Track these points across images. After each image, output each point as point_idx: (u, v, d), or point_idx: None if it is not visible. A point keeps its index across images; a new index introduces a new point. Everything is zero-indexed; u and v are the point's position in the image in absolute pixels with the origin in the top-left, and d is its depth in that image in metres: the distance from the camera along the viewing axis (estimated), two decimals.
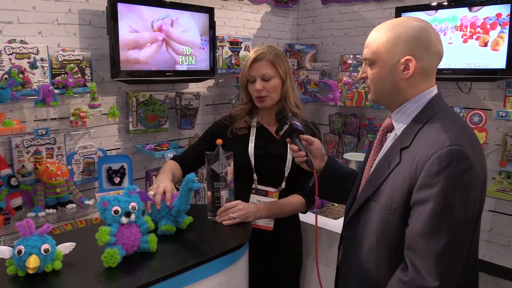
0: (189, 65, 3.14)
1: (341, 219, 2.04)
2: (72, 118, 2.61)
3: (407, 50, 1.12)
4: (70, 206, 2.53)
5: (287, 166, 1.71)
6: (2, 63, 2.34)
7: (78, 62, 2.66)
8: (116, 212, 1.22)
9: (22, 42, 2.46)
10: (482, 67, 3.01)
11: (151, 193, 1.47)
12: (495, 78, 3.04)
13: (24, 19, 2.50)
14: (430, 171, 1.03)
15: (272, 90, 1.69)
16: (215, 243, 1.40)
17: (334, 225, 1.97)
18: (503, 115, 2.88)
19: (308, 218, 1.95)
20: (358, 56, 3.71)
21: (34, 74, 2.45)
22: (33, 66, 2.44)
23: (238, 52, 3.51)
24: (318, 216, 2.02)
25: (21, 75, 2.36)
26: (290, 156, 1.71)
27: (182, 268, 1.19)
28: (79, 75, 2.66)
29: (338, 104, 3.55)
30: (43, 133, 2.33)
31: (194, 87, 3.43)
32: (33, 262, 1.11)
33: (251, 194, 1.72)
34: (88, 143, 2.83)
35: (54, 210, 2.49)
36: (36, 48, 2.45)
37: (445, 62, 3.15)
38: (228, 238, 1.44)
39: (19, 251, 1.12)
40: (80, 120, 2.60)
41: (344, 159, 2.90)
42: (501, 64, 2.92)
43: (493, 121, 3.11)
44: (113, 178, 2.76)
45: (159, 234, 1.40)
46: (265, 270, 1.74)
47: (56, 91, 2.46)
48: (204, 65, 3.24)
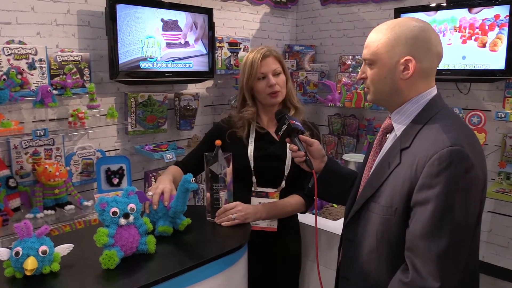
0: (188, 66, 3.14)
1: (340, 220, 2.04)
2: (70, 119, 2.60)
3: (407, 50, 1.12)
4: (68, 207, 2.52)
5: (287, 165, 1.71)
6: (0, 64, 2.33)
7: (77, 63, 2.65)
8: (114, 213, 1.21)
9: (20, 42, 2.45)
10: (481, 68, 3.01)
11: (150, 193, 1.47)
12: (494, 79, 3.04)
13: (22, 20, 2.49)
14: (431, 172, 1.02)
15: (282, 85, 1.73)
16: (214, 245, 1.40)
17: (334, 226, 1.96)
18: (502, 116, 2.88)
19: (307, 219, 1.95)
20: (357, 57, 3.71)
21: (32, 75, 2.44)
22: (31, 67, 2.44)
23: (237, 53, 3.51)
24: (318, 217, 2.02)
25: (19, 76, 2.35)
26: (289, 155, 1.71)
27: (180, 269, 1.19)
28: (78, 76, 2.65)
29: (337, 105, 3.55)
30: (42, 134, 2.33)
31: (193, 88, 3.42)
32: (30, 264, 1.10)
33: (252, 197, 1.71)
34: (86, 144, 2.83)
35: (53, 211, 2.48)
36: (34, 48, 2.45)
37: (444, 63, 3.15)
38: (227, 240, 1.44)
39: (17, 253, 1.12)
40: (78, 121, 2.59)
41: (343, 160, 2.90)
42: (500, 65, 2.92)
43: (492, 122, 3.11)
44: (112, 179, 2.75)
45: (156, 234, 1.39)
46: (264, 271, 1.74)
47: (54, 92, 2.45)
48: (203, 66, 3.24)
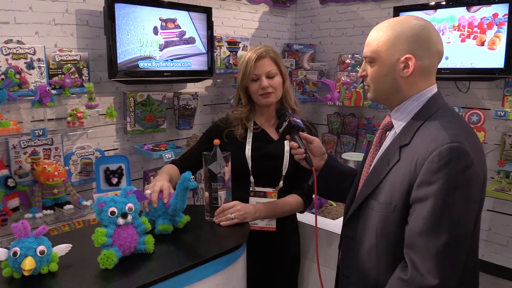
0: (187, 65, 3.13)
1: (339, 219, 2.04)
2: (69, 119, 2.59)
3: (408, 48, 1.12)
4: (67, 207, 2.52)
5: (284, 165, 1.71)
6: None
7: (75, 62, 2.65)
8: (112, 213, 1.21)
9: (19, 42, 2.45)
10: (480, 67, 3.01)
11: (147, 191, 1.46)
12: (494, 78, 3.04)
13: (21, 19, 2.49)
14: (430, 169, 1.02)
15: (277, 86, 1.71)
16: (213, 244, 1.39)
17: (333, 225, 1.96)
18: (502, 115, 2.88)
19: (306, 218, 1.95)
20: (356, 55, 3.70)
21: (31, 75, 2.44)
22: (30, 66, 2.43)
23: (236, 52, 3.51)
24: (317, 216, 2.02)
25: (18, 76, 2.35)
26: (287, 154, 1.71)
27: (179, 269, 1.19)
28: (76, 76, 2.65)
29: (337, 104, 3.54)
30: (40, 133, 2.32)
31: (192, 87, 3.42)
32: (28, 264, 1.10)
33: (250, 197, 1.71)
34: (85, 144, 2.82)
35: (52, 211, 2.48)
36: (33, 48, 2.44)
37: (443, 62, 3.15)
38: (225, 239, 1.43)
39: (15, 253, 1.12)
40: (77, 120, 2.59)
41: (342, 159, 2.89)
42: (499, 63, 2.92)
43: (491, 120, 3.11)
44: (110, 179, 2.75)
45: (156, 233, 1.39)
46: (263, 271, 1.74)
47: (53, 92, 2.45)
48: (202, 65, 3.23)
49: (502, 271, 3.26)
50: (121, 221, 1.22)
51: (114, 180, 2.76)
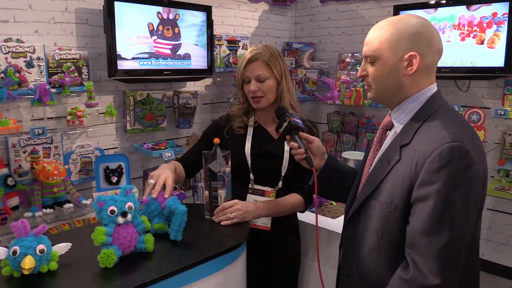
0: (186, 64, 3.13)
1: (339, 218, 2.04)
2: (69, 117, 2.59)
3: (411, 46, 1.12)
4: (67, 205, 2.52)
5: (284, 165, 1.71)
6: None
7: (75, 61, 2.64)
8: (112, 212, 1.21)
9: (18, 41, 2.44)
10: (480, 66, 3.01)
11: (151, 181, 1.46)
12: (494, 77, 3.04)
13: (20, 18, 2.48)
14: (431, 168, 1.02)
15: (267, 91, 1.68)
16: (213, 243, 1.39)
17: (333, 224, 1.96)
18: (502, 114, 2.88)
19: (306, 217, 1.95)
20: (356, 54, 3.70)
21: (30, 73, 2.43)
22: (29, 65, 2.43)
23: (236, 50, 3.50)
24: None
25: (17, 74, 2.35)
26: (287, 154, 1.71)
27: (179, 268, 1.18)
28: (76, 74, 2.64)
29: (336, 102, 3.54)
30: (40, 132, 2.32)
31: (192, 86, 3.41)
32: (28, 263, 1.10)
33: (248, 194, 1.71)
34: (85, 143, 2.82)
35: (51, 210, 2.47)
36: (32, 47, 2.44)
37: (443, 60, 3.15)
38: (225, 238, 1.43)
39: (14, 252, 1.11)
40: (77, 119, 2.58)
41: (342, 158, 2.89)
42: (499, 62, 2.92)
43: (491, 119, 3.11)
44: (110, 178, 2.75)
45: (152, 232, 1.39)
46: (263, 270, 1.73)
47: (52, 90, 2.44)
48: (201, 64, 3.23)
49: (502, 270, 3.27)
50: (121, 220, 1.22)
51: (114, 179, 2.75)
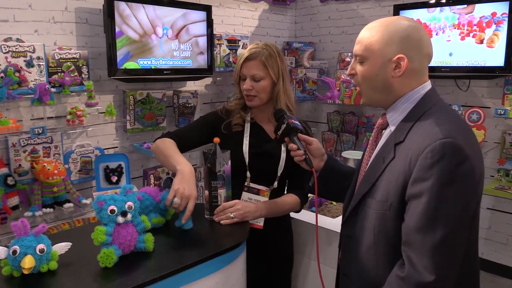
0: (186, 63, 3.13)
1: (339, 218, 2.04)
2: (69, 117, 2.59)
3: (400, 49, 1.13)
4: (67, 205, 2.52)
5: (280, 165, 1.71)
6: None
7: (75, 60, 2.64)
8: (112, 211, 1.21)
9: (18, 40, 2.44)
10: (480, 65, 3.01)
11: (177, 200, 1.38)
12: (494, 76, 3.04)
13: (20, 17, 2.48)
14: (424, 165, 1.02)
15: (261, 90, 1.69)
16: (212, 243, 1.40)
17: (332, 223, 1.96)
18: (502, 113, 2.88)
19: (305, 216, 1.95)
20: None
21: (30, 73, 2.43)
22: (29, 64, 2.43)
23: (236, 50, 3.50)
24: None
25: (17, 74, 2.35)
26: (284, 155, 1.71)
27: (179, 267, 1.19)
28: (76, 74, 2.64)
29: (336, 102, 3.54)
30: (40, 132, 2.32)
31: (191, 86, 3.41)
32: (28, 263, 1.10)
33: (243, 192, 1.71)
34: (85, 142, 2.82)
35: (51, 210, 2.47)
36: (32, 46, 2.44)
37: (443, 60, 3.15)
38: (225, 238, 1.43)
39: (14, 251, 1.11)
40: (77, 118, 2.58)
41: (342, 157, 2.90)
42: (499, 62, 2.92)
43: (491, 119, 3.11)
44: (110, 177, 2.75)
45: (151, 227, 1.39)
46: (255, 270, 1.73)
47: (52, 90, 2.44)
48: (201, 63, 3.23)
49: (501, 270, 3.27)
50: (120, 219, 1.22)
51: (114, 178, 2.76)
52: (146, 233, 1.30)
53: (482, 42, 2.98)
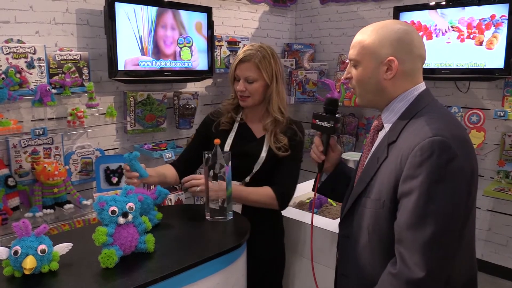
0: (187, 64, 3.13)
1: (339, 219, 2.04)
2: (69, 118, 2.60)
3: (391, 51, 1.15)
4: (67, 206, 2.52)
5: (258, 163, 1.71)
6: None
7: (76, 61, 2.65)
8: (113, 212, 1.21)
9: (19, 41, 2.45)
10: (480, 67, 3.01)
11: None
12: (493, 78, 3.04)
13: (21, 19, 2.49)
14: (413, 163, 1.04)
15: (254, 92, 1.71)
16: (213, 243, 1.40)
17: (333, 224, 1.96)
18: (501, 115, 2.88)
19: (303, 216, 1.95)
20: None
21: (31, 74, 2.44)
22: (30, 65, 2.43)
23: (236, 51, 3.51)
24: (316, 216, 2.03)
25: (18, 75, 2.35)
26: (264, 154, 1.71)
27: (179, 268, 1.19)
28: (77, 75, 2.65)
29: None
30: (41, 133, 2.33)
31: (192, 87, 3.42)
32: (29, 263, 1.10)
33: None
34: (85, 143, 2.83)
35: (52, 210, 2.48)
36: (33, 47, 2.44)
37: (443, 62, 3.15)
38: (226, 238, 1.44)
39: (16, 252, 1.12)
40: (77, 120, 2.59)
41: (342, 159, 2.89)
42: (499, 63, 2.92)
43: (491, 120, 3.12)
44: (111, 178, 2.75)
45: (155, 223, 1.46)
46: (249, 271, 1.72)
47: (53, 91, 2.45)
48: (202, 64, 3.24)
49: (501, 271, 3.27)
50: (121, 220, 1.23)
51: (114, 179, 2.76)
52: (147, 234, 1.30)
53: (481, 44, 2.99)
